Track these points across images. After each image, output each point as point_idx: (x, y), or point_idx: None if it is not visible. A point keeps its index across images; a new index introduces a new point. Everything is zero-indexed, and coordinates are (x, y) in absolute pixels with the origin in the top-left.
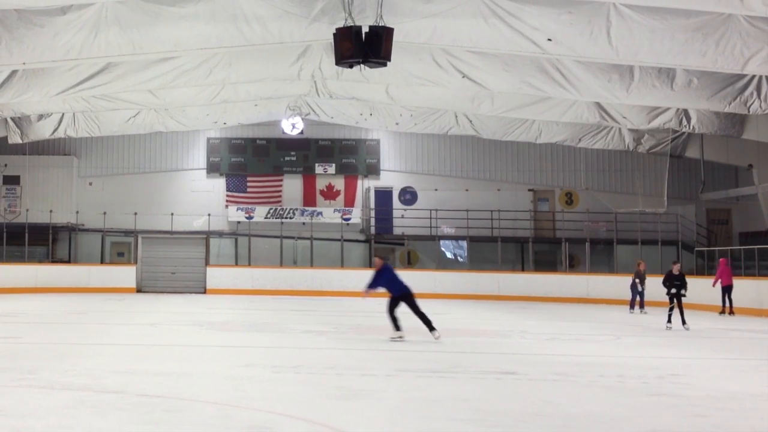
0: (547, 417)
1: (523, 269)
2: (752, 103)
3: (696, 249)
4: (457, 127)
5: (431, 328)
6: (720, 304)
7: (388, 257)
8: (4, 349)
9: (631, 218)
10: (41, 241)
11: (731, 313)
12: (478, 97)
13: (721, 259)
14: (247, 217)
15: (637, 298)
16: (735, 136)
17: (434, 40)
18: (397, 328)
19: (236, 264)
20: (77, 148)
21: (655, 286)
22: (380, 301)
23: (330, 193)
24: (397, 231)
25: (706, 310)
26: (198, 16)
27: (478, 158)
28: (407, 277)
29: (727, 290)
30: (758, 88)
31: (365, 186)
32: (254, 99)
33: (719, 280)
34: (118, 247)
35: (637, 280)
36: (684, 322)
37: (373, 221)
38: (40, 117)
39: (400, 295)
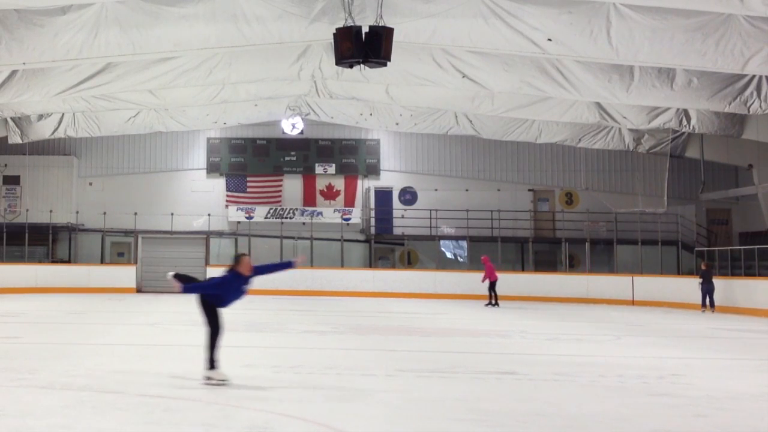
0: (548, 417)
1: (523, 269)
2: (752, 103)
3: (696, 249)
4: (457, 127)
5: None
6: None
7: None
8: (4, 349)
9: (631, 218)
10: (41, 241)
11: (496, 304)
12: (478, 97)
13: (483, 257)
14: (247, 217)
15: (706, 298)
16: (735, 136)
17: (434, 40)
18: None
19: None
20: (77, 148)
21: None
22: (381, 301)
23: (330, 193)
24: (397, 231)
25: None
26: (198, 16)
27: (478, 158)
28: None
29: (493, 285)
30: (758, 88)
31: (365, 186)
32: (254, 99)
33: (487, 277)
34: (118, 247)
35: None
36: None
37: (373, 221)
38: (40, 117)
39: None
